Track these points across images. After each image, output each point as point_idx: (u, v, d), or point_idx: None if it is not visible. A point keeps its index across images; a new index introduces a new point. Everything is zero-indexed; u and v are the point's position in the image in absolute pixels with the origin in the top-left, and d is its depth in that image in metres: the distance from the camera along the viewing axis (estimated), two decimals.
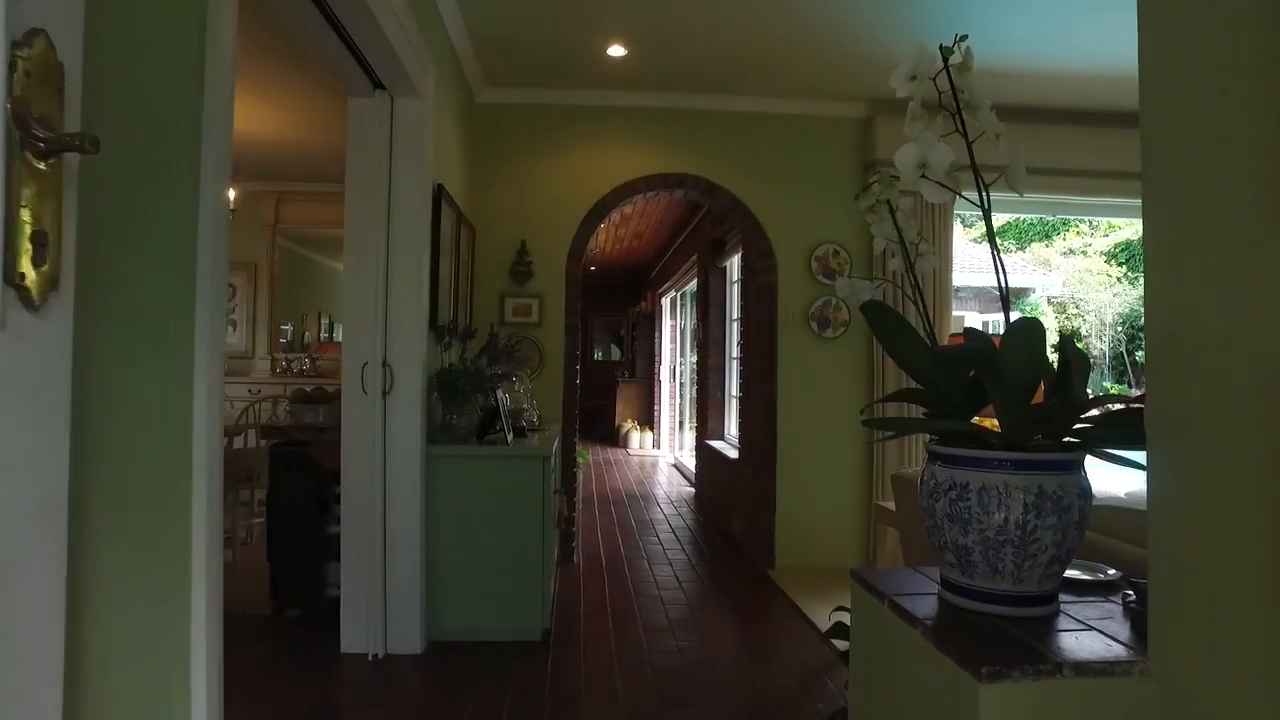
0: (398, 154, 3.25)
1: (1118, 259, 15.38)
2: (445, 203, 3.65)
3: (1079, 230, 16.94)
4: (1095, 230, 16.94)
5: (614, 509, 6.72)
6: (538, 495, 3.40)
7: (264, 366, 7.27)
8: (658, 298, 11.43)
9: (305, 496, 3.61)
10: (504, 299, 4.74)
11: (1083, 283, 15.03)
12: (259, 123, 5.59)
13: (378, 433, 3.18)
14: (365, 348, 3.18)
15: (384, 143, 3.23)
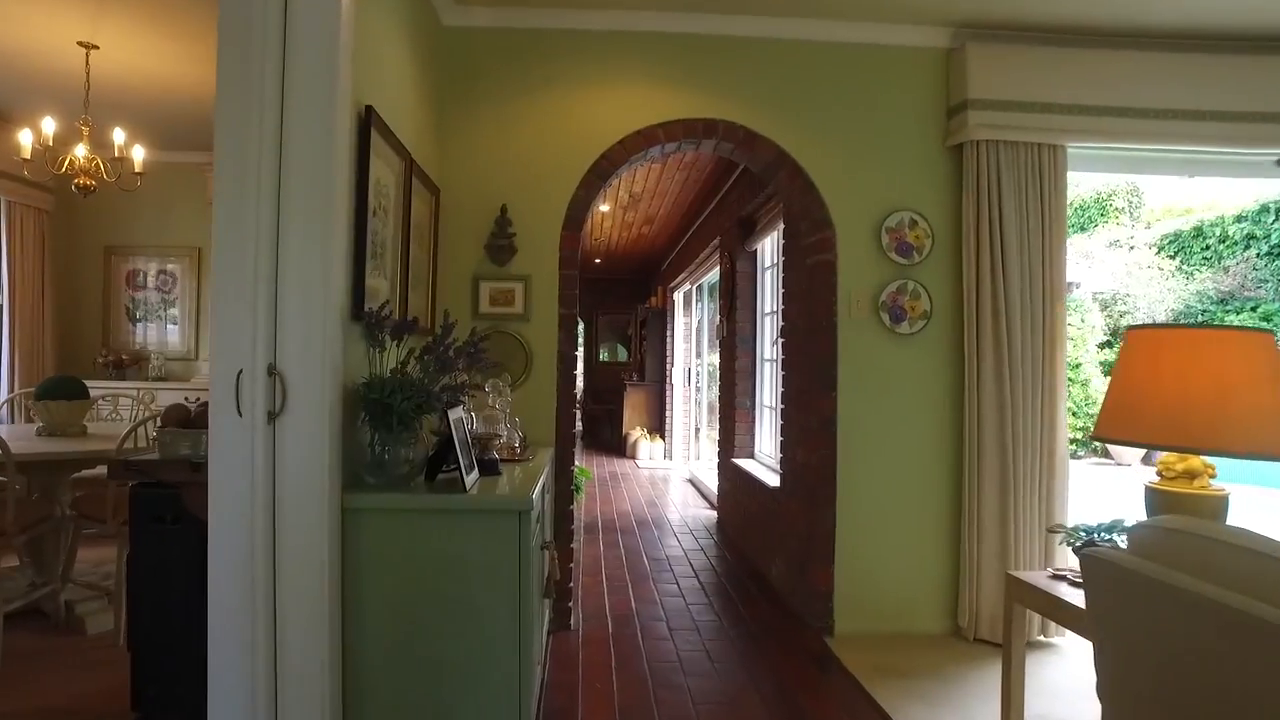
0: (294, 52, 2.13)
1: (1166, 251, 14.20)
2: (379, 134, 2.54)
3: (1118, 220, 15.82)
4: (1136, 220, 15.81)
5: (621, 540, 5.59)
6: (511, 566, 2.28)
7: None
8: (669, 292, 10.31)
9: (179, 560, 2.49)
10: (479, 283, 3.62)
11: (1130, 276, 13.85)
12: (191, 76, 4.49)
13: (261, 475, 2.07)
14: (240, 347, 2.06)
15: (274, 36, 2.12)
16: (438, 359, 2.33)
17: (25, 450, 3.36)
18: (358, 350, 2.41)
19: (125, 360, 6.00)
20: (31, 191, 5.76)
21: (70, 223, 6.22)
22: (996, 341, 3.53)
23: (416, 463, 2.39)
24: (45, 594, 3.73)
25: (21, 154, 4.02)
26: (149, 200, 6.15)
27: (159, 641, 2.56)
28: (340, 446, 2.20)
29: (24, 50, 4.30)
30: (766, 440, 5.52)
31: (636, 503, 7.17)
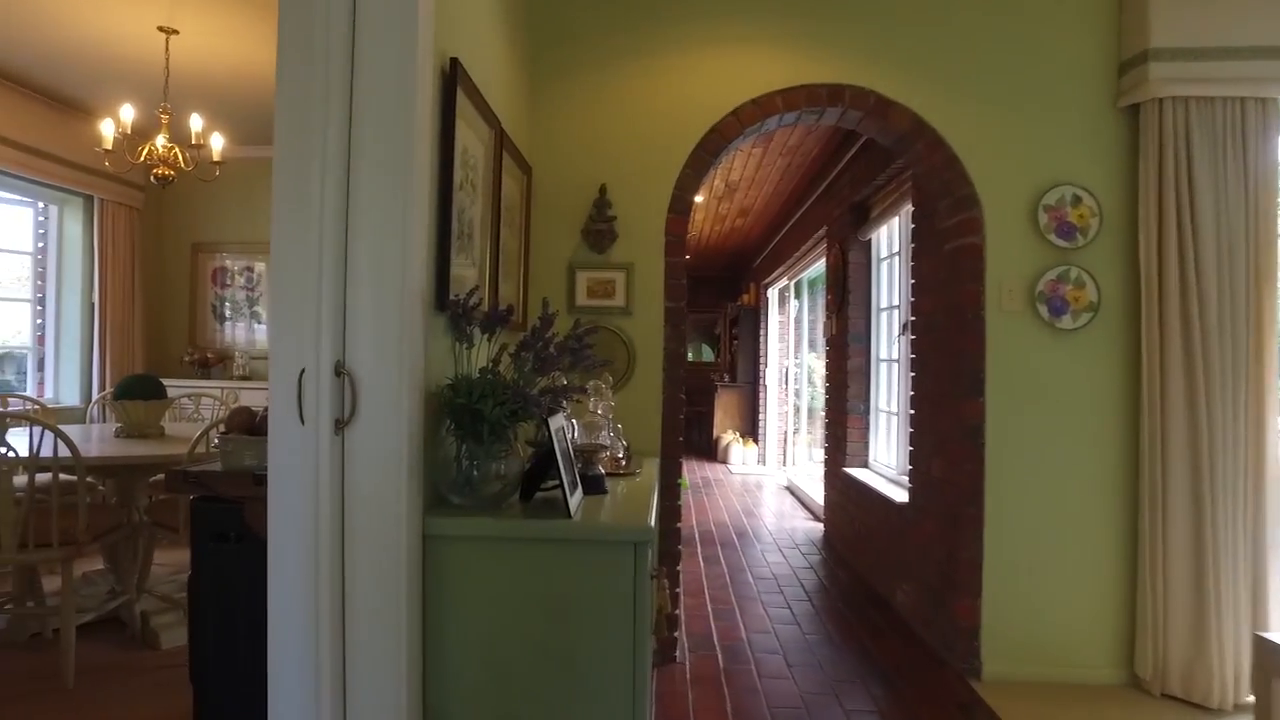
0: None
1: None
2: (466, 94, 2.18)
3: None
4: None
5: (722, 554, 5.15)
6: (625, 607, 1.88)
7: None
8: (763, 289, 9.80)
9: (242, 585, 2.19)
10: (575, 273, 3.24)
11: None
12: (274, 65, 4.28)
13: (327, 493, 1.72)
14: (302, 341, 1.72)
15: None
16: (536, 356, 1.94)
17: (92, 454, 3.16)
18: (441, 347, 2.05)
19: (211, 359, 5.90)
20: (123, 189, 5.71)
21: (159, 220, 6.17)
22: (1186, 338, 2.95)
23: (510, 479, 2.01)
24: (122, 603, 3.54)
25: (103, 144, 3.86)
26: (235, 196, 6.05)
27: (222, 676, 2.26)
28: (421, 461, 1.84)
29: (104, 38, 4.16)
30: (884, 449, 5.00)
31: (733, 512, 6.71)
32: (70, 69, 4.63)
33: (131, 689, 2.99)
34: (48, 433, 2.97)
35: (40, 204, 5.53)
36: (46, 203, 5.54)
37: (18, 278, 5.54)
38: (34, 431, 3.04)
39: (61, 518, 3.02)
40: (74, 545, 3.06)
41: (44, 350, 5.60)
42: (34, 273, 5.57)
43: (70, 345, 5.59)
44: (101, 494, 3.81)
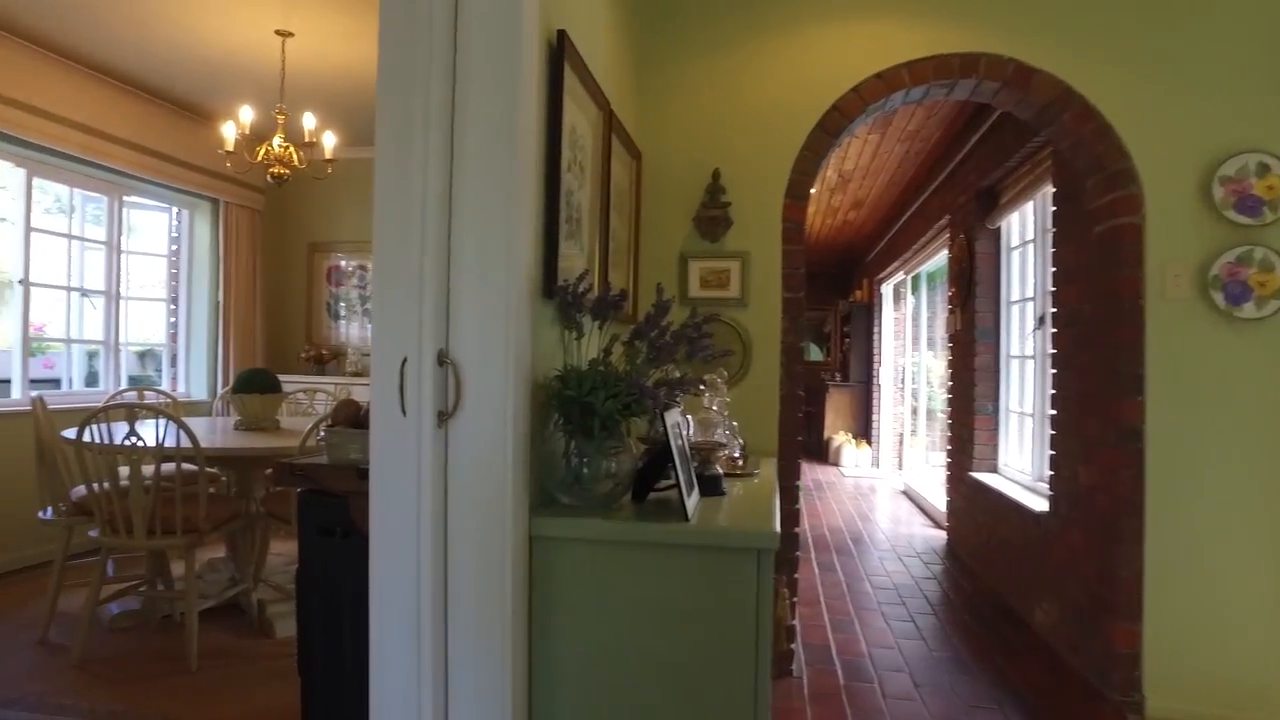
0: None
1: None
2: (574, 70, 2.06)
3: None
4: None
5: (837, 560, 4.88)
6: (747, 619, 1.71)
7: None
8: (876, 284, 9.39)
9: (347, 581, 2.14)
10: (687, 262, 3.08)
11: None
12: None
13: (430, 490, 1.62)
14: (404, 329, 1.63)
15: None
16: (651, 345, 1.80)
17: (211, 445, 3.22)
18: (548, 337, 1.93)
19: (325, 355, 6.06)
20: (245, 192, 5.94)
21: (279, 222, 6.39)
22: None
23: (621, 478, 1.87)
24: (240, 591, 3.61)
25: (225, 146, 3.96)
26: (348, 197, 6.20)
27: (328, 668, 2.22)
28: (527, 456, 1.72)
29: (227, 44, 4.29)
30: (1015, 452, 4.62)
31: (847, 516, 6.40)
32: (196, 77, 4.82)
33: (248, 675, 3.03)
34: (173, 424, 3.04)
35: (174, 209, 5.81)
36: (179, 208, 5.82)
37: (156, 280, 5.84)
38: (160, 423, 3.12)
39: (184, 506, 3.09)
40: (196, 533, 3.12)
41: (176, 347, 5.89)
42: (168, 274, 5.85)
43: (199, 342, 5.85)
44: (223, 484, 3.92)
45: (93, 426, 3.02)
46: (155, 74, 4.80)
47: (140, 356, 5.89)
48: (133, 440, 2.99)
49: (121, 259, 5.36)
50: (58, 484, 3.43)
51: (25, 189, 4.66)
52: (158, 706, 2.76)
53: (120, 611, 3.61)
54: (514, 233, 1.65)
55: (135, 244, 5.61)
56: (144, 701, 2.80)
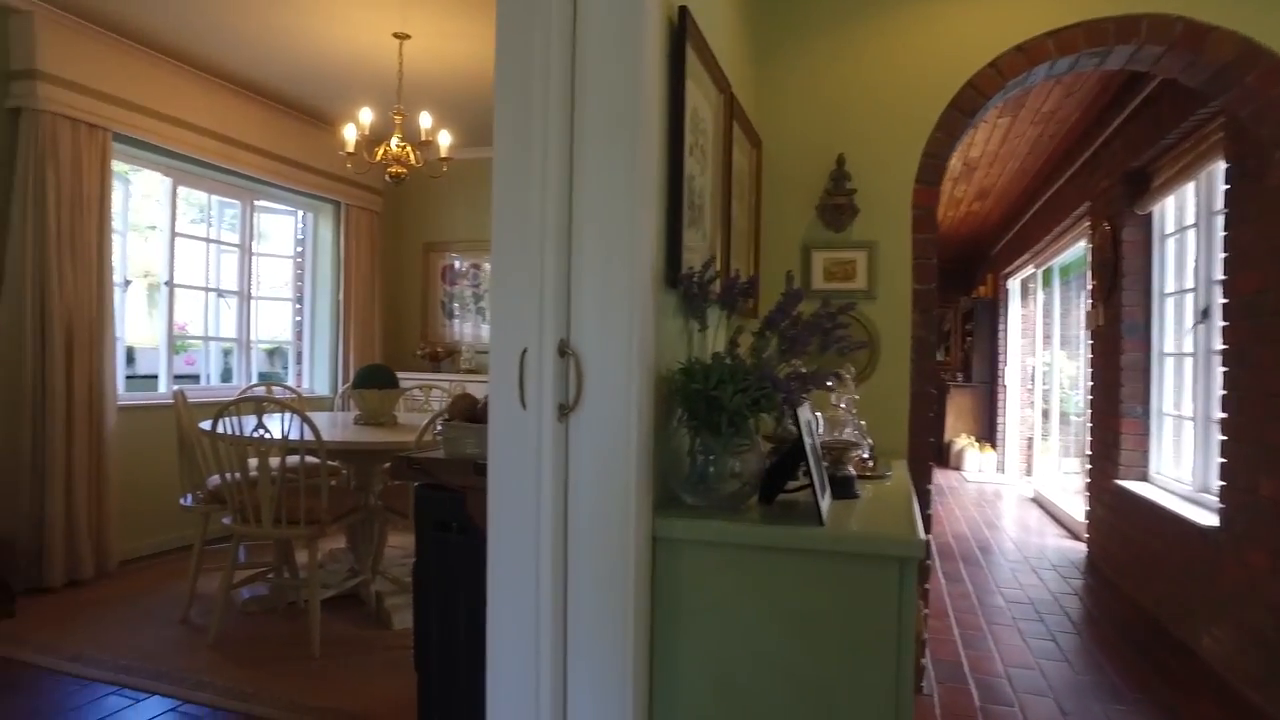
0: None
1: None
2: (695, 51, 1.96)
3: None
4: None
5: (964, 570, 4.59)
6: (888, 632, 1.56)
7: None
8: (1001, 279, 8.87)
9: (463, 577, 2.11)
10: (810, 253, 2.93)
11: None
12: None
13: (550, 486, 1.55)
14: (524, 318, 1.56)
15: None
16: (782, 336, 1.67)
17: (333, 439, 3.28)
18: (671, 328, 1.83)
19: (440, 353, 6.19)
20: (364, 194, 6.13)
21: (396, 222, 6.58)
22: None
23: (748, 478, 1.75)
24: (360, 583, 3.69)
25: (345, 148, 4.07)
26: (462, 197, 6.31)
27: (443, 664, 2.19)
28: (651, 453, 1.62)
29: (346, 49, 4.41)
30: (1171, 460, 4.22)
31: (973, 524, 6.05)
32: (319, 84, 4.99)
33: (367, 665, 3.08)
34: (297, 418, 3.12)
35: (299, 212, 6.06)
36: (304, 211, 6.06)
37: (283, 280, 6.11)
38: (285, 417, 3.21)
39: (307, 498, 3.17)
40: (318, 524, 3.19)
41: (301, 344, 6.14)
42: (294, 275, 6.11)
43: (322, 340, 6.08)
44: (343, 477, 4.03)
45: (224, 419, 3.13)
46: (283, 83, 5.00)
47: (269, 354, 6.17)
48: (260, 433, 3.08)
49: (252, 261, 5.62)
50: (196, 473, 3.60)
51: (171, 197, 4.94)
52: (283, 689, 2.83)
53: (250, 597, 3.76)
54: (637, 219, 1.56)
55: (265, 247, 5.87)
56: (271, 684, 2.87)
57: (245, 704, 2.73)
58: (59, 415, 3.93)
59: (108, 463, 4.20)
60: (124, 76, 4.30)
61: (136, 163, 4.70)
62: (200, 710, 2.70)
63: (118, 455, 4.30)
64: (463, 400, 2.11)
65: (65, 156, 3.98)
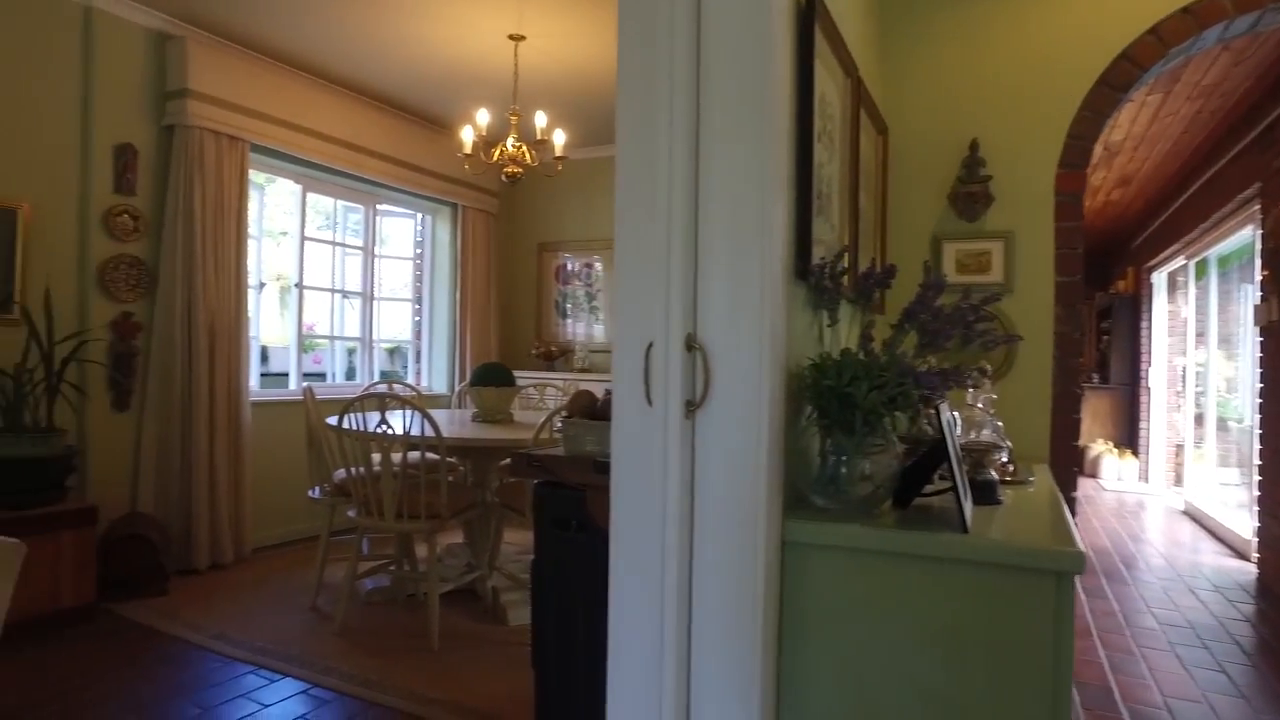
0: None
1: None
2: (824, 33, 1.86)
3: None
4: None
5: (1107, 586, 4.26)
6: (1044, 652, 1.42)
7: None
8: (1144, 273, 8.25)
9: (582, 576, 2.08)
10: (940, 244, 2.76)
11: None
12: (613, 61, 4.35)
13: (676, 486, 1.49)
14: (650, 311, 1.50)
15: None
16: (921, 329, 1.55)
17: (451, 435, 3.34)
18: (800, 321, 1.74)
19: (554, 352, 6.25)
20: (481, 196, 6.27)
21: (510, 223, 6.70)
22: None
23: (882, 480, 1.63)
24: (476, 578, 3.74)
25: (463, 149, 4.15)
26: (575, 197, 6.36)
27: (561, 663, 2.17)
28: (781, 452, 1.54)
29: (462, 53, 4.51)
30: None
31: (1115, 536, 5.62)
32: (436, 89, 5.13)
33: (484, 659, 3.11)
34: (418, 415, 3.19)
35: (418, 215, 6.26)
36: (422, 213, 6.25)
37: (403, 281, 6.32)
38: (406, 414, 3.28)
39: (427, 493, 3.23)
40: (437, 519, 3.25)
41: (420, 344, 6.33)
42: (413, 276, 6.31)
43: (440, 339, 6.25)
44: (461, 474, 4.10)
45: (349, 415, 3.24)
46: (404, 89, 5.16)
47: (390, 353, 6.39)
48: (383, 429, 3.17)
49: (375, 263, 5.84)
50: (323, 467, 3.74)
51: (301, 203, 5.19)
52: (404, 679, 2.89)
53: (373, 588, 3.88)
54: (767, 208, 1.48)
55: (386, 249, 6.09)
56: (392, 673, 2.94)
57: (369, 691, 2.80)
58: (203, 410, 4.18)
59: (244, 455, 4.44)
60: (261, 90, 4.54)
61: (271, 171, 4.96)
62: (328, 694, 2.79)
63: (252, 449, 4.54)
64: (582, 397, 2.08)
65: (210, 167, 4.23)
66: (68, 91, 3.85)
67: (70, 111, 3.86)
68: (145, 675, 2.91)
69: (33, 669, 2.93)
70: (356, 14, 4.04)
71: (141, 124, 4.12)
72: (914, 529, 1.53)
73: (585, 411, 2.07)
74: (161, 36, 4.18)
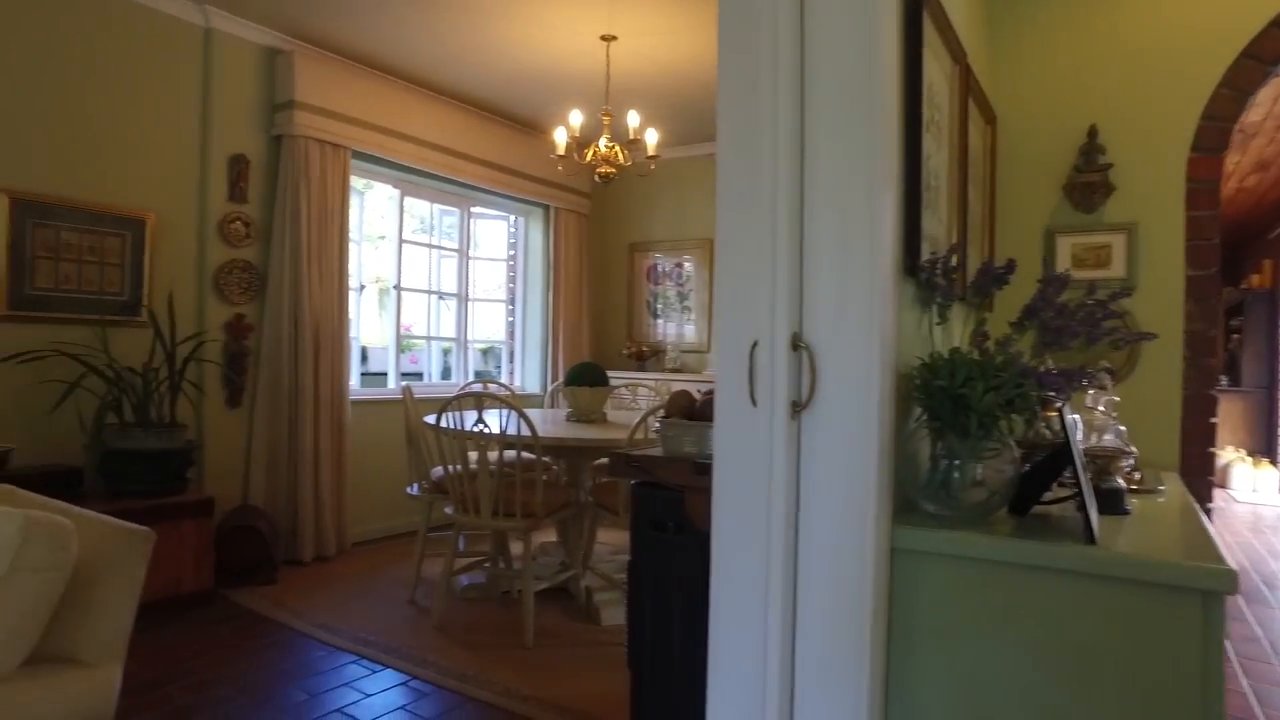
0: None
1: None
2: (932, 16, 1.78)
3: None
4: None
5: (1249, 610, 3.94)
6: (1190, 679, 1.31)
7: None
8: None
9: (679, 578, 2.05)
10: (1054, 238, 2.62)
11: None
12: (702, 62, 4.32)
13: (781, 489, 1.44)
14: (755, 309, 1.46)
15: None
16: (1044, 327, 1.46)
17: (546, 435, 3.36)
18: (908, 319, 1.66)
19: (645, 352, 6.25)
20: (572, 197, 6.33)
21: (601, 224, 6.74)
22: None
23: (998, 486, 1.55)
24: (570, 577, 3.76)
25: (556, 151, 4.18)
26: (665, 197, 6.35)
27: (658, 670, 2.15)
28: (892, 456, 1.47)
29: (554, 55, 4.56)
30: None
31: (1251, 552, 5.22)
32: (528, 92, 5.20)
33: (578, 658, 3.12)
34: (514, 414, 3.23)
35: (511, 217, 6.36)
36: (515, 215, 6.36)
37: (496, 283, 6.44)
38: (503, 413, 3.33)
39: (522, 491, 3.26)
40: (533, 518, 3.28)
41: (513, 344, 6.44)
42: (506, 277, 6.42)
43: (533, 339, 6.34)
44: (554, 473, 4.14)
45: (447, 414, 3.30)
46: (497, 93, 5.25)
47: (483, 353, 6.52)
48: (480, 427, 3.22)
49: (469, 265, 5.96)
50: (421, 464, 3.83)
51: (399, 208, 5.34)
52: (500, 676, 2.93)
53: (469, 584, 3.95)
54: (876, 202, 1.42)
55: (480, 251, 6.21)
56: (489, 669, 2.98)
57: (465, 685, 2.85)
58: (308, 408, 4.35)
59: (346, 452, 4.60)
60: (361, 99, 4.70)
61: (370, 177, 5.12)
62: (426, 686, 2.85)
63: (353, 445, 4.70)
64: (680, 398, 2.06)
65: (314, 174, 4.40)
66: (189, 108, 4.07)
67: (191, 126, 4.09)
68: (257, 660, 3.04)
69: (161, 647, 3.10)
70: (451, 21, 4.13)
71: (253, 135, 4.32)
72: (1035, 538, 1.44)
73: (683, 412, 2.04)
74: (271, 52, 4.37)
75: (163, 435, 3.55)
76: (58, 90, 3.59)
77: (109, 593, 1.78)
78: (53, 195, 3.57)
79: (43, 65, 3.53)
